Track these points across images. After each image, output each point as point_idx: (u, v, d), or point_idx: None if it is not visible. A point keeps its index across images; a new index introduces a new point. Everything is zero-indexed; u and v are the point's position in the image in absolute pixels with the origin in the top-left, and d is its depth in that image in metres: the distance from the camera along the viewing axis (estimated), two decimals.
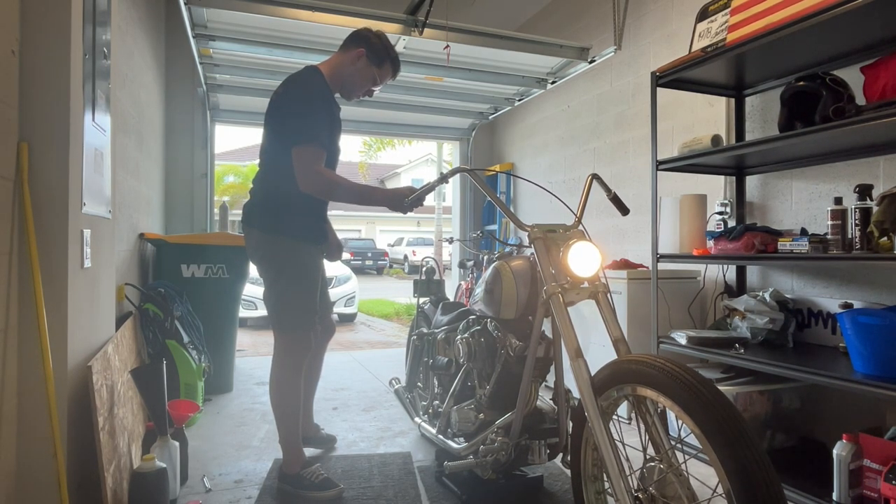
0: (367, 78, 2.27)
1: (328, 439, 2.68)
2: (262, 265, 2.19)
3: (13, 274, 1.54)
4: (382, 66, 2.27)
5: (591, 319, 3.08)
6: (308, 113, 2.04)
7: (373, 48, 2.24)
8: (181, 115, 4.65)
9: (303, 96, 2.08)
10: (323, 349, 2.59)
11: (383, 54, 2.26)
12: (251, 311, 6.85)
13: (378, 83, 2.32)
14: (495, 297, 2.00)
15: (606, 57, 3.78)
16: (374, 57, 2.24)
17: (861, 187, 2.00)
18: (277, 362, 2.17)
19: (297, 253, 2.16)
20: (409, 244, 21.61)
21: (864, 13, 1.85)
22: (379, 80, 2.31)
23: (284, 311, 2.14)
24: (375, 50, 2.24)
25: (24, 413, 1.58)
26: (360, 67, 2.24)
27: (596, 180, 1.92)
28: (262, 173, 2.19)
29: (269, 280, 2.16)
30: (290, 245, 2.14)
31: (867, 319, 1.89)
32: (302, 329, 2.15)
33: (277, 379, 2.17)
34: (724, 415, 1.15)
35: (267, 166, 2.18)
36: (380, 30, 2.32)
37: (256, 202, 2.19)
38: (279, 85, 2.17)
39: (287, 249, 2.14)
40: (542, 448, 1.95)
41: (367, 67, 2.24)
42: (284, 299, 2.14)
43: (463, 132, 5.77)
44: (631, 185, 3.71)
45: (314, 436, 2.64)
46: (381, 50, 2.25)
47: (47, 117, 1.62)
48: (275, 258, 2.15)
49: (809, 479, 2.10)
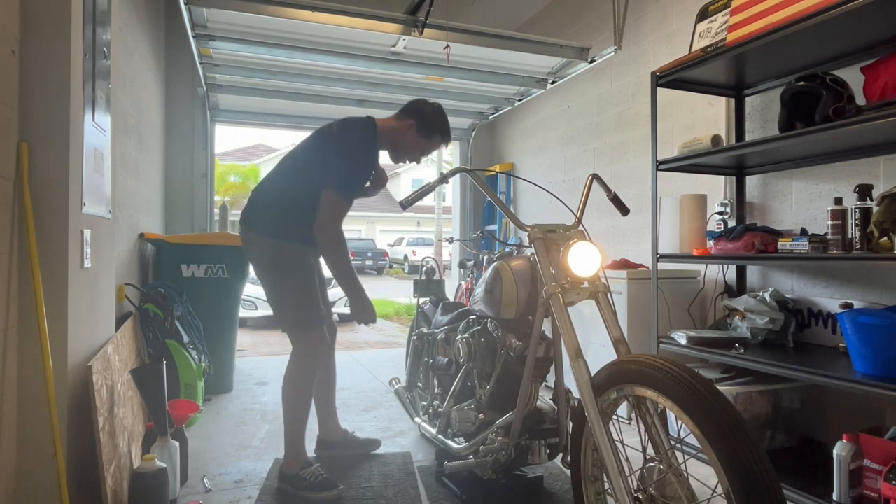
0: (414, 148, 2.34)
1: (368, 443, 2.61)
2: (267, 268, 2.21)
3: (13, 274, 1.54)
4: (431, 139, 2.33)
5: (591, 319, 3.08)
6: (353, 167, 2.15)
7: (424, 122, 2.30)
8: (181, 115, 4.65)
9: (354, 149, 2.16)
10: (332, 348, 2.60)
11: (433, 128, 2.31)
12: (251, 311, 6.85)
13: (426, 153, 2.40)
14: (495, 297, 2.00)
15: (606, 57, 3.79)
16: (424, 130, 2.30)
17: (861, 187, 2.00)
18: (294, 359, 2.21)
19: (302, 255, 2.21)
20: (409, 244, 21.60)
21: (864, 13, 1.85)
22: (426, 151, 2.38)
23: (299, 310, 2.18)
24: (426, 123, 2.30)
25: (24, 413, 1.58)
26: (409, 137, 2.31)
27: (596, 180, 1.92)
28: (282, 183, 2.23)
29: (275, 281, 2.19)
30: (295, 249, 2.19)
31: (867, 319, 1.89)
32: (317, 323, 2.19)
33: (293, 375, 2.20)
34: (723, 415, 1.15)
35: (291, 181, 2.22)
36: (437, 102, 2.39)
37: (265, 208, 2.22)
38: (336, 122, 2.24)
39: (292, 252, 2.19)
40: (542, 448, 1.96)
41: (415, 138, 2.31)
42: (295, 298, 2.18)
43: (463, 132, 5.77)
44: (631, 185, 3.71)
45: (343, 439, 2.56)
46: (432, 124, 2.31)
47: (47, 117, 1.62)
48: (281, 261, 2.18)
49: (809, 479, 2.10)
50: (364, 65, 3.82)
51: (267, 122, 5.32)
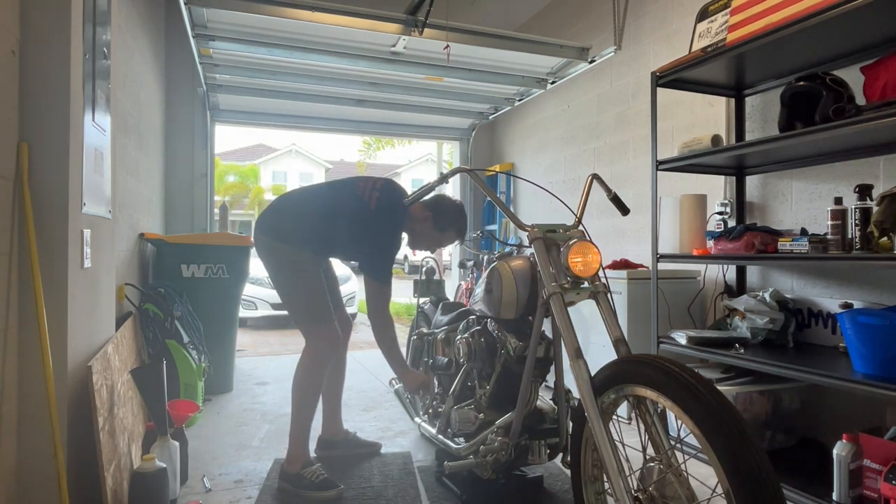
0: (429, 239, 2.42)
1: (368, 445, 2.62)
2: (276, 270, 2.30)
3: (13, 274, 1.54)
4: (445, 233, 2.38)
5: (591, 319, 3.08)
6: (387, 255, 2.27)
7: (440, 216, 2.35)
8: (181, 115, 4.65)
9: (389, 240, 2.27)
10: (344, 348, 2.61)
11: (447, 224, 2.36)
12: (251, 311, 6.84)
13: (440, 245, 2.48)
14: (495, 297, 2.00)
15: (606, 57, 3.78)
16: (439, 223, 2.36)
17: (861, 187, 2.00)
18: (305, 355, 2.27)
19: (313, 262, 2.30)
20: None
21: (864, 13, 1.85)
22: (441, 244, 2.46)
23: (309, 306, 2.26)
24: (442, 218, 2.35)
25: (24, 413, 1.58)
26: (427, 229, 2.37)
27: (596, 180, 1.92)
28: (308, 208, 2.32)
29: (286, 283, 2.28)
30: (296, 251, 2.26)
31: (867, 319, 1.89)
32: (327, 318, 2.27)
33: (304, 371, 2.27)
34: (723, 415, 1.15)
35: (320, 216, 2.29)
36: (459, 201, 2.45)
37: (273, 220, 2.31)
38: (375, 196, 2.27)
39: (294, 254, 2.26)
40: (542, 448, 1.96)
41: (431, 231, 2.37)
42: (305, 296, 2.26)
43: (463, 132, 5.77)
44: (631, 185, 3.71)
45: (344, 439, 2.59)
46: (447, 221, 2.36)
47: (47, 117, 1.62)
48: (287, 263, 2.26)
49: (809, 479, 2.10)
50: (364, 65, 3.82)
51: (267, 122, 5.32)
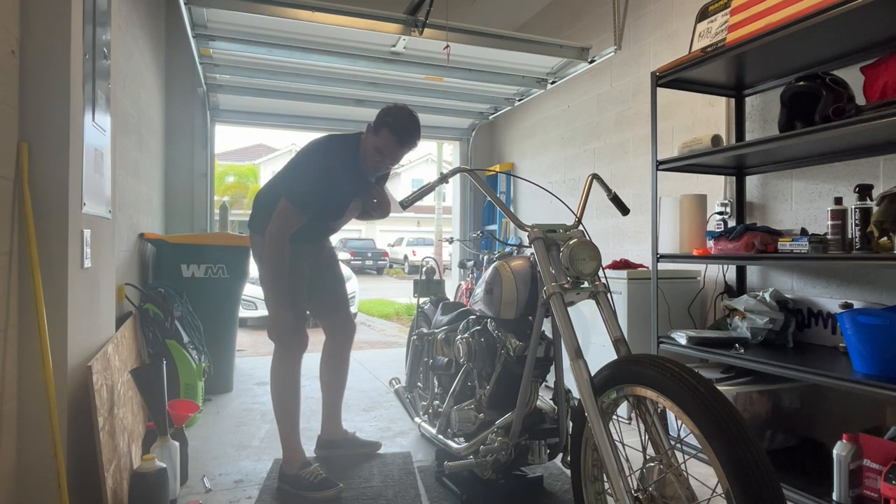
0: (368, 150, 2.21)
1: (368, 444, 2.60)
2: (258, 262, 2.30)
3: (13, 274, 1.54)
4: (379, 133, 2.16)
5: (591, 319, 3.08)
6: (302, 179, 2.17)
7: (377, 119, 2.18)
8: (181, 115, 4.65)
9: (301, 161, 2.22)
10: (346, 349, 2.59)
11: (379, 122, 2.16)
12: (251, 311, 6.84)
13: (384, 154, 2.19)
14: (495, 297, 2.00)
15: (606, 57, 3.78)
16: (374, 126, 2.18)
17: (861, 187, 2.00)
18: (273, 356, 2.27)
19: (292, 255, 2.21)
20: (409, 244, 21.60)
21: (864, 13, 1.85)
22: (384, 152, 2.18)
23: (272, 307, 2.16)
24: (377, 121, 2.18)
25: (24, 413, 1.58)
26: (365, 140, 2.23)
27: (596, 180, 1.92)
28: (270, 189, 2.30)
29: (261, 272, 2.24)
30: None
31: (867, 319, 1.89)
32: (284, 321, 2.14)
33: (272, 376, 2.27)
34: (723, 415, 1.15)
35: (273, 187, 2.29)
36: (402, 103, 2.25)
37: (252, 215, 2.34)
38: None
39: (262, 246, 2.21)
40: (542, 448, 1.96)
41: (367, 136, 2.21)
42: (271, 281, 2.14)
43: (463, 132, 5.77)
44: (631, 185, 3.71)
45: (343, 439, 2.57)
46: (380, 119, 2.16)
47: (47, 117, 1.62)
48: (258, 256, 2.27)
49: (809, 479, 2.10)
50: (364, 65, 3.83)
51: (267, 122, 5.32)
